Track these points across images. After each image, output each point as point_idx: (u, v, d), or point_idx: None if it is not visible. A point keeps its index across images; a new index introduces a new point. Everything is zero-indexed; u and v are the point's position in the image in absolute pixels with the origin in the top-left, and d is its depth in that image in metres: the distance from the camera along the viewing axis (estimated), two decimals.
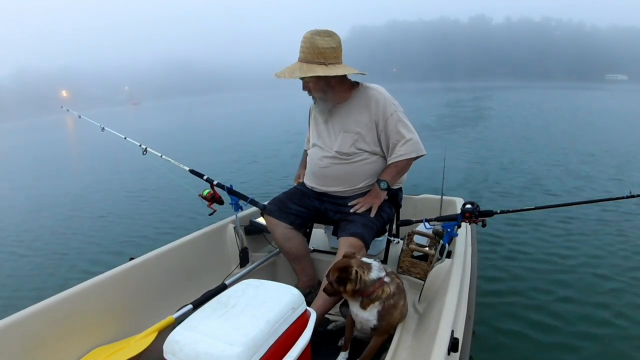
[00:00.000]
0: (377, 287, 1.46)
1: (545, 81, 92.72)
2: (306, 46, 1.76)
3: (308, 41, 1.76)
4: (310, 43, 1.75)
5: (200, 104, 51.34)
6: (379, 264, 1.53)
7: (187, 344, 1.11)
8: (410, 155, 1.85)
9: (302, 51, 1.78)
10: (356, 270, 1.43)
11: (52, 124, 35.96)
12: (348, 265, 1.45)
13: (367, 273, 1.46)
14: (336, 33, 1.82)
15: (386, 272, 1.52)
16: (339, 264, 1.49)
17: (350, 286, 1.43)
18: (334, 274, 1.47)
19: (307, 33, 1.78)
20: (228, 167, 8.43)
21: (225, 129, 17.76)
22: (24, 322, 1.36)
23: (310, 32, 1.78)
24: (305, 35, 1.78)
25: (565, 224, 3.99)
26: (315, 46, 1.74)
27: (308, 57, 1.77)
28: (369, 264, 1.50)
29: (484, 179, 6.15)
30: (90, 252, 4.16)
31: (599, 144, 8.75)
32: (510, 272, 3.10)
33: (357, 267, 1.45)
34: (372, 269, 1.48)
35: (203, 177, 2.14)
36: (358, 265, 1.46)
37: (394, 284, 1.51)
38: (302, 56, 1.79)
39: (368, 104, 1.87)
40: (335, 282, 1.46)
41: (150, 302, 1.76)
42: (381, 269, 1.51)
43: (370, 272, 1.47)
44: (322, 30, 1.78)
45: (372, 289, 1.45)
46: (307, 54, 1.77)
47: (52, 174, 9.72)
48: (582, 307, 2.62)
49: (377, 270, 1.49)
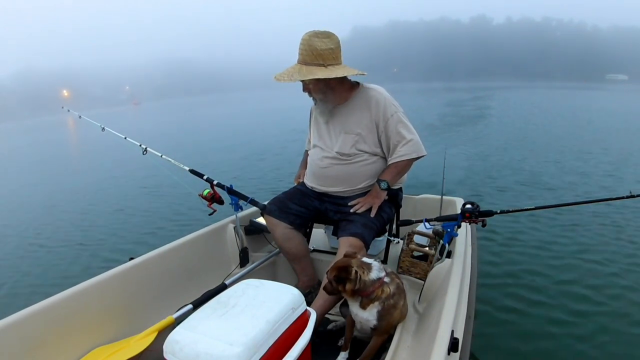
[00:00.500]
0: (377, 287, 1.46)
1: (546, 81, 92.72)
2: (304, 48, 1.76)
3: (306, 43, 1.75)
4: (308, 45, 1.75)
5: (201, 104, 51.39)
6: (379, 264, 1.53)
7: (187, 344, 1.11)
8: (411, 155, 1.85)
9: (301, 53, 1.78)
10: (356, 270, 1.43)
11: (53, 123, 36.00)
12: (348, 265, 1.45)
13: (366, 273, 1.45)
14: (334, 34, 1.81)
15: (386, 272, 1.52)
16: (339, 263, 1.49)
17: (349, 286, 1.43)
18: (333, 273, 1.46)
19: (305, 35, 1.78)
20: (237, 164, 8.49)
21: (229, 129, 17.73)
22: (24, 322, 1.36)
23: (308, 33, 1.77)
24: (303, 37, 1.78)
25: (566, 224, 3.98)
26: (313, 48, 1.74)
27: (307, 59, 1.76)
28: (369, 264, 1.50)
29: (484, 179, 6.15)
30: (87, 255, 4.16)
31: (599, 143, 8.77)
32: (511, 272, 3.10)
33: (357, 267, 1.45)
34: (372, 269, 1.48)
35: (203, 177, 2.14)
36: (358, 265, 1.46)
37: (393, 284, 1.51)
38: (300, 58, 1.78)
39: (368, 105, 1.87)
40: (334, 281, 1.46)
41: (150, 302, 1.76)
42: (381, 269, 1.51)
43: (370, 272, 1.46)
44: (320, 31, 1.78)
45: (371, 289, 1.45)
46: (305, 56, 1.76)
47: (55, 172, 9.75)
48: (582, 306, 2.61)
49: (377, 270, 1.49)
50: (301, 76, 1.75)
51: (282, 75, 1.78)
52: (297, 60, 1.80)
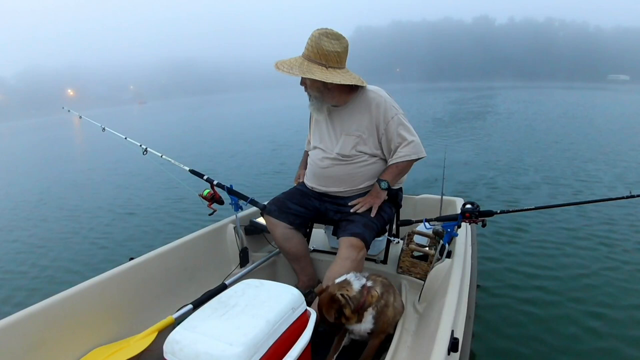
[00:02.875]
0: (366, 295, 1.44)
1: (548, 81, 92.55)
2: (311, 45, 1.76)
3: (314, 40, 1.75)
4: (316, 43, 1.75)
5: (208, 103, 51.40)
6: (353, 273, 1.52)
7: (187, 344, 1.11)
8: (411, 157, 1.85)
9: (307, 48, 1.78)
10: (341, 294, 1.41)
11: (58, 122, 35.99)
12: (331, 296, 1.42)
13: (350, 289, 1.44)
14: (345, 37, 1.80)
15: (365, 277, 1.51)
16: (323, 301, 1.45)
17: (347, 310, 1.41)
18: (330, 313, 1.42)
19: (315, 31, 1.78)
20: (237, 165, 8.48)
21: (233, 128, 17.77)
22: (24, 322, 1.37)
23: (319, 31, 1.77)
24: (313, 33, 1.78)
25: (566, 224, 3.97)
26: (320, 47, 1.74)
27: (311, 55, 1.77)
28: (345, 280, 1.48)
29: (485, 179, 6.13)
30: (85, 255, 4.17)
31: (600, 143, 8.74)
32: (511, 272, 3.09)
33: (338, 290, 1.42)
34: (351, 282, 1.46)
35: (203, 177, 2.15)
36: (338, 289, 1.44)
37: (378, 284, 1.50)
38: (305, 53, 1.78)
39: (369, 107, 1.87)
40: (335, 318, 1.43)
41: (150, 302, 1.76)
42: (358, 276, 1.50)
43: (352, 286, 1.45)
44: (332, 32, 1.77)
45: (362, 298, 1.44)
46: (310, 52, 1.77)
47: (55, 172, 9.74)
48: (582, 306, 2.60)
49: (356, 279, 1.47)
50: (300, 72, 1.75)
51: (283, 65, 1.78)
52: (302, 53, 1.80)
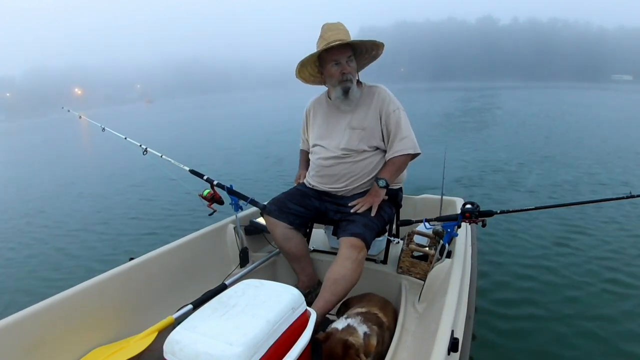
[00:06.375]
0: (367, 343, 1.40)
1: (552, 81, 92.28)
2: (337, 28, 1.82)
3: (335, 27, 1.81)
4: (337, 29, 1.80)
5: (213, 102, 51.25)
6: (344, 319, 1.49)
7: (187, 344, 1.11)
8: (407, 151, 1.87)
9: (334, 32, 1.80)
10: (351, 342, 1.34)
11: (64, 121, 35.94)
12: (344, 344, 1.35)
13: (357, 335, 1.40)
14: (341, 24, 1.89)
15: (358, 321, 1.47)
16: (336, 349, 1.35)
17: (363, 356, 1.36)
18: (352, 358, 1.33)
19: (326, 24, 1.84)
20: (238, 164, 8.49)
21: (236, 128, 17.77)
22: (24, 322, 1.37)
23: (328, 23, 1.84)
24: (327, 25, 1.82)
25: (566, 224, 3.96)
26: (344, 29, 1.82)
27: (341, 35, 1.80)
28: (347, 325, 1.44)
29: (485, 179, 6.12)
30: (86, 255, 4.18)
31: (600, 142, 8.74)
32: (511, 272, 3.08)
33: (345, 336, 1.37)
34: (356, 328, 1.43)
35: (203, 177, 2.15)
36: (347, 335, 1.38)
37: (374, 333, 1.46)
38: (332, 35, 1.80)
39: (372, 99, 1.92)
40: None
41: (150, 302, 1.77)
42: (358, 322, 1.46)
43: (358, 332, 1.41)
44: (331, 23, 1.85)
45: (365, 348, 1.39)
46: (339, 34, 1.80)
47: (56, 172, 9.78)
48: (582, 305, 2.60)
49: (357, 324, 1.44)
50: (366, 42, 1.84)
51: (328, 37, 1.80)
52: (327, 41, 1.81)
